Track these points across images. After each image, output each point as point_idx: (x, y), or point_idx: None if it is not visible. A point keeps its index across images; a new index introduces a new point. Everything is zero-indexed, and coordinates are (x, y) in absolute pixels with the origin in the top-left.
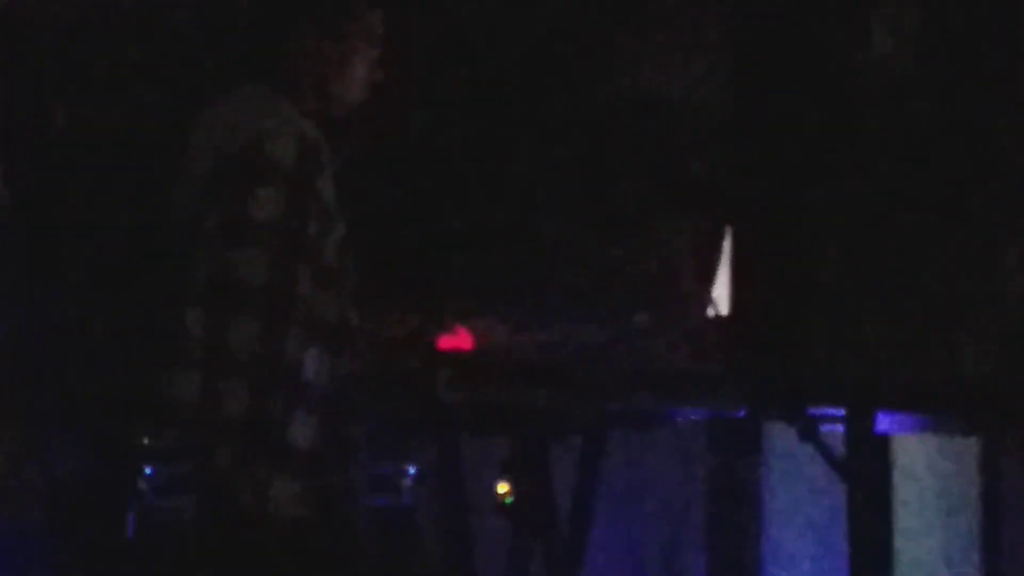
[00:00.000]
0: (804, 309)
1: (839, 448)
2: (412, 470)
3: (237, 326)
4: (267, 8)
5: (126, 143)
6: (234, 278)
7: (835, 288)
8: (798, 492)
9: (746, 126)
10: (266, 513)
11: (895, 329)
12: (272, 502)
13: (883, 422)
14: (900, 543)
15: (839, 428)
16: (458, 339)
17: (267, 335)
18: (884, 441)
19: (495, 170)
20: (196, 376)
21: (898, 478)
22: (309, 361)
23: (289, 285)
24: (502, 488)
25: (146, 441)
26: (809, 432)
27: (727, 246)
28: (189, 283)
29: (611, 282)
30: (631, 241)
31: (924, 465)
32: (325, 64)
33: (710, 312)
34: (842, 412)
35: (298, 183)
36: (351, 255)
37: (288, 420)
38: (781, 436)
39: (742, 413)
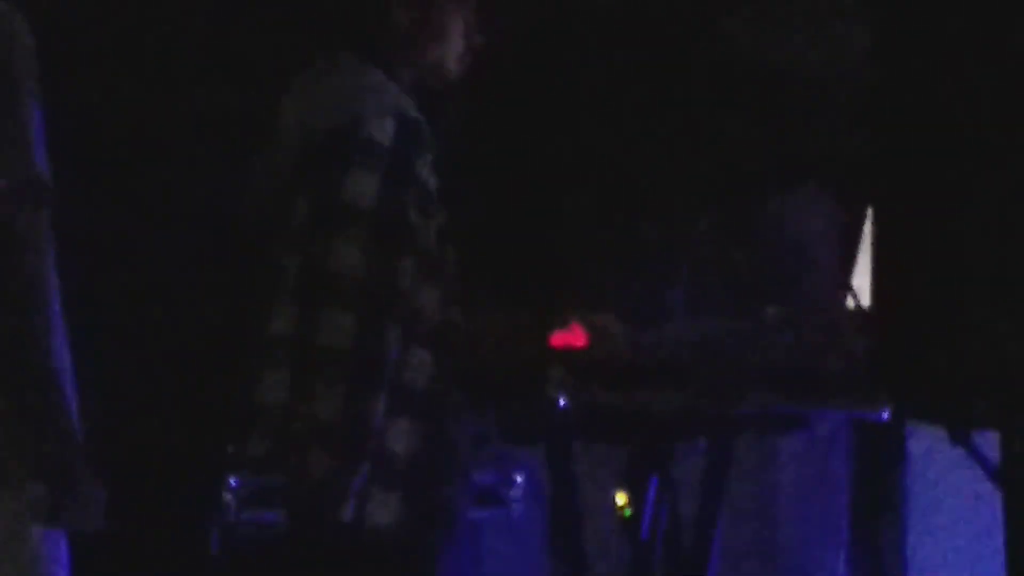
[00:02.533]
0: (955, 299)
1: (994, 454)
2: (520, 479)
3: (332, 322)
4: None
5: (197, 123)
6: (328, 269)
7: (991, 275)
8: (945, 503)
9: (892, 100)
10: (363, 526)
11: None
12: (369, 514)
13: None
14: None
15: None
16: (572, 336)
17: (365, 331)
18: None
19: (612, 152)
20: (286, 377)
21: None
22: (410, 361)
23: (389, 277)
24: (620, 499)
25: (231, 450)
26: (962, 435)
27: (868, 230)
28: (276, 276)
29: (739, 272)
30: (762, 227)
31: None
32: (420, 31)
33: (850, 304)
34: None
35: (397, 166)
36: (454, 246)
37: (387, 425)
38: (927, 440)
39: (885, 415)
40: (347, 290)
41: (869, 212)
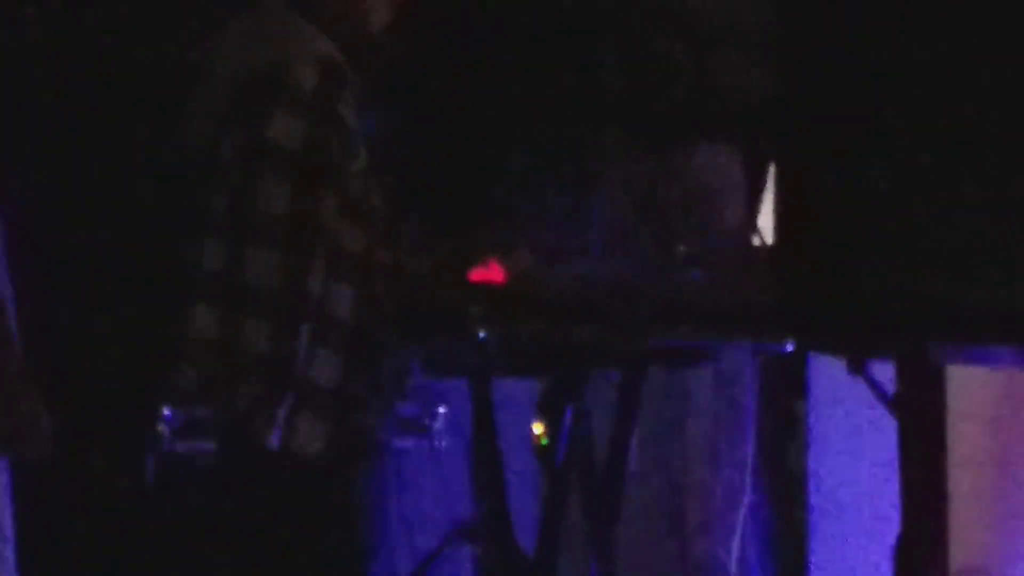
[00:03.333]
0: (851, 237)
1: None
2: (442, 410)
3: (257, 257)
4: None
5: (130, 66)
6: (254, 208)
7: (889, 216)
8: (847, 431)
9: (793, 52)
10: (288, 453)
11: (953, 259)
12: (294, 442)
13: (939, 355)
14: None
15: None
16: (490, 272)
17: (290, 267)
18: (939, 375)
19: (524, 93)
20: (215, 312)
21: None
22: (334, 296)
23: (312, 215)
24: (537, 428)
25: (162, 382)
26: (858, 365)
27: (772, 171)
28: (205, 214)
29: (650, 211)
30: (670, 168)
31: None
32: None
33: (755, 242)
34: (896, 345)
35: (320, 109)
36: (376, 185)
37: (311, 356)
38: (829, 371)
39: (789, 347)
40: (272, 228)
41: (773, 154)
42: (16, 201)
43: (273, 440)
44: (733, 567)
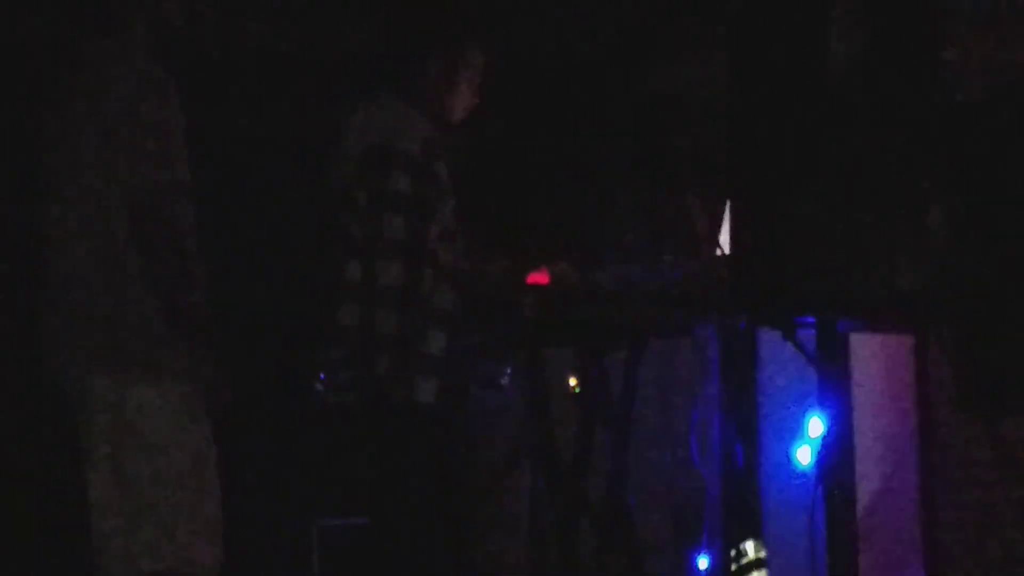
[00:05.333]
0: (786, 246)
1: (812, 345)
2: (508, 370)
3: (387, 270)
4: (406, 41)
5: (288, 143)
6: (382, 235)
7: (809, 233)
8: (784, 381)
9: (740, 115)
10: (412, 403)
11: (853, 257)
12: (416, 395)
13: (843, 325)
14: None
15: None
16: (540, 276)
17: (408, 275)
18: (844, 339)
19: (564, 156)
20: (356, 308)
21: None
22: (438, 293)
23: (422, 238)
24: (572, 382)
25: (320, 357)
26: (791, 334)
27: (728, 205)
28: (345, 241)
29: (648, 235)
30: (661, 206)
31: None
32: (443, 85)
33: (718, 252)
34: (814, 319)
35: (423, 168)
36: (462, 220)
37: (425, 335)
38: (768, 339)
39: (742, 324)
40: (396, 248)
41: (728, 192)
42: (218, 216)
43: (403, 394)
44: (708, 473)
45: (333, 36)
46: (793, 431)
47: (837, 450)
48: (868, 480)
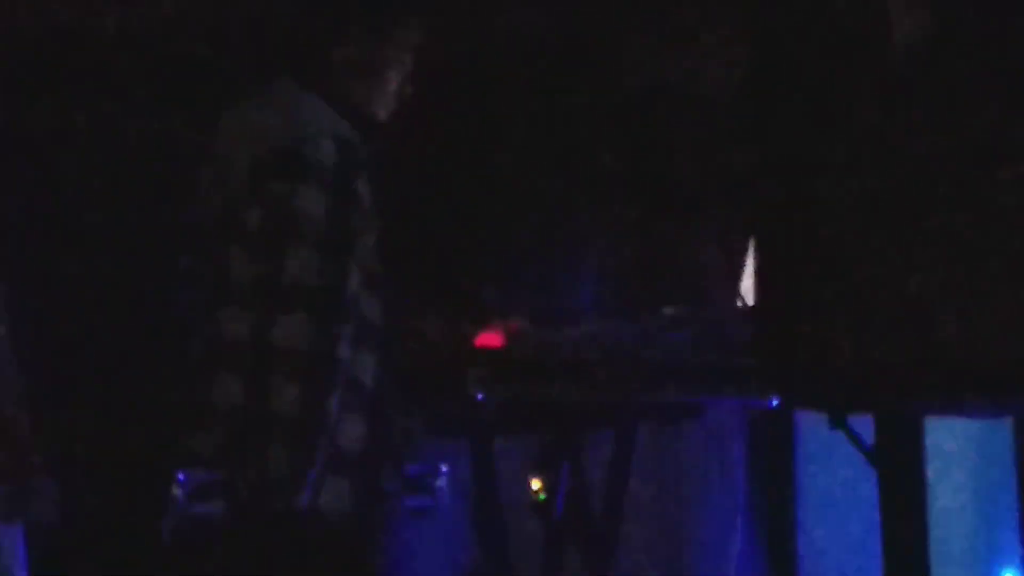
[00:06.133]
0: (828, 297)
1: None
2: (445, 469)
3: (288, 324)
4: (310, 12)
5: (139, 145)
6: (283, 276)
7: (864, 278)
8: (831, 482)
9: (764, 121)
10: (316, 512)
11: (924, 319)
12: (322, 501)
13: (912, 407)
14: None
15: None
16: (491, 337)
17: (320, 332)
18: (915, 425)
19: (522, 169)
20: (237, 378)
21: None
22: (359, 362)
23: (340, 283)
24: (535, 484)
25: (179, 447)
26: (839, 419)
27: (752, 239)
28: (225, 283)
29: (638, 277)
30: (658, 236)
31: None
32: (362, 69)
33: (738, 303)
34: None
35: (339, 183)
36: (385, 259)
37: (338, 421)
38: (811, 426)
39: (774, 402)
40: (302, 295)
41: (752, 223)
42: (26, 271)
43: (303, 500)
44: None
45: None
46: (845, 551)
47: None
48: None
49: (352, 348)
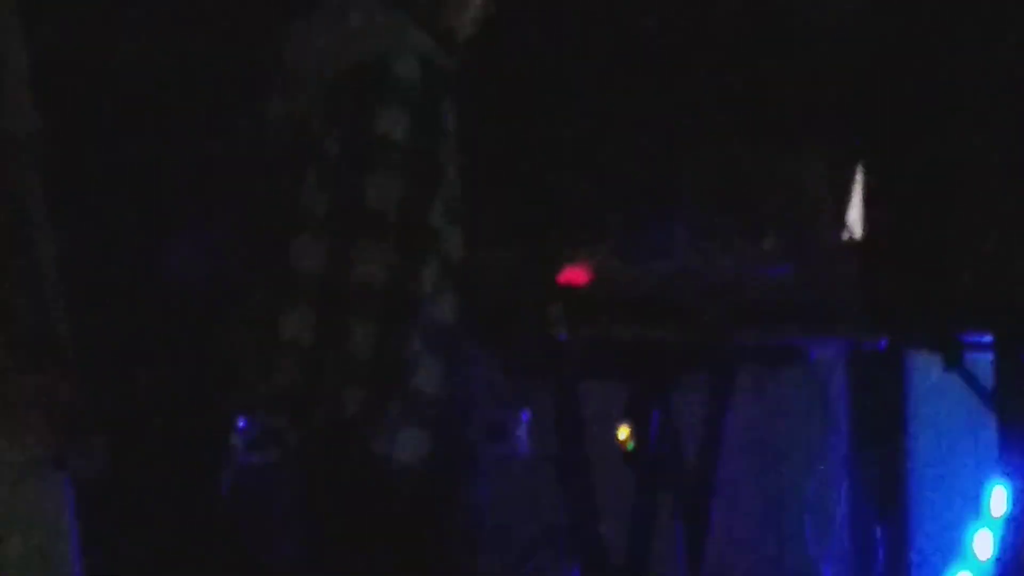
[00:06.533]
0: (945, 227)
1: (989, 378)
2: (526, 416)
3: (366, 257)
4: None
5: (196, 59)
6: (363, 205)
7: (980, 202)
8: (945, 430)
9: (877, 45)
10: (392, 461)
11: None
12: (398, 450)
13: None
14: None
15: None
16: (576, 273)
17: (400, 268)
18: None
19: (608, 92)
20: (311, 315)
21: None
22: (440, 301)
23: (423, 213)
24: (623, 433)
25: (247, 388)
26: (956, 360)
27: (860, 164)
28: (299, 214)
29: (735, 206)
30: (757, 161)
31: None
32: None
33: (844, 236)
34: (992, 339)
35: (425, 106)
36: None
37: (417, 364)
38: (923, 368)
39: (882, 343)
40: (380, 225)
41: (861, 145)
42: (72, 202)
43: (379, 446)
44: (830, 573)
45: None
46: (962, 506)
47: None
48: None
49: (434, 284)
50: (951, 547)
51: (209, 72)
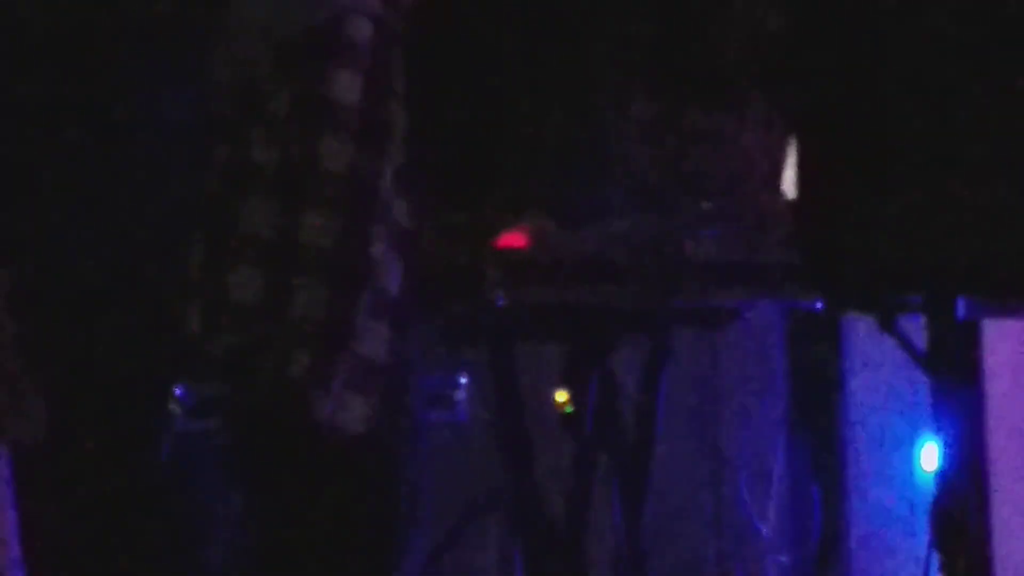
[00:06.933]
0: (876, 191)
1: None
2: (464, 381)
3: (316, 220)
4: None
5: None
6: (313, 166)
7: (911, 163)
8: (880, 389)
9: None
10: (336, 429)
11: (983, 213)
12: (342, 416)
13: (967, 308)
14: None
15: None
16: (514, 237)
17: (349, 231)
18: (971, 328)
19: (547, 53)
20: (258, 275)
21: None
22: (387, 267)
23: (373, 177)
24: (561, 396)
25: (191, 349)
26: (889, 323)
27: (794, 125)
28: (245, 172)
29: (670, 169)
30: (691, 124)
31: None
32: None
33: (779, 197)
34: (924, 299)
35: (377, 67)
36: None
37: (364, 329)
38: (858, 330)
39: (818, 305)
40: (332, 188)
41: (793, 106)
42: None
43: (324, 412)
44: (768, 531)
45: None
46: (893, 466)
47: (963, 491)
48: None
49: (381, 250)
50: (886, 505)
51: (149, 28)
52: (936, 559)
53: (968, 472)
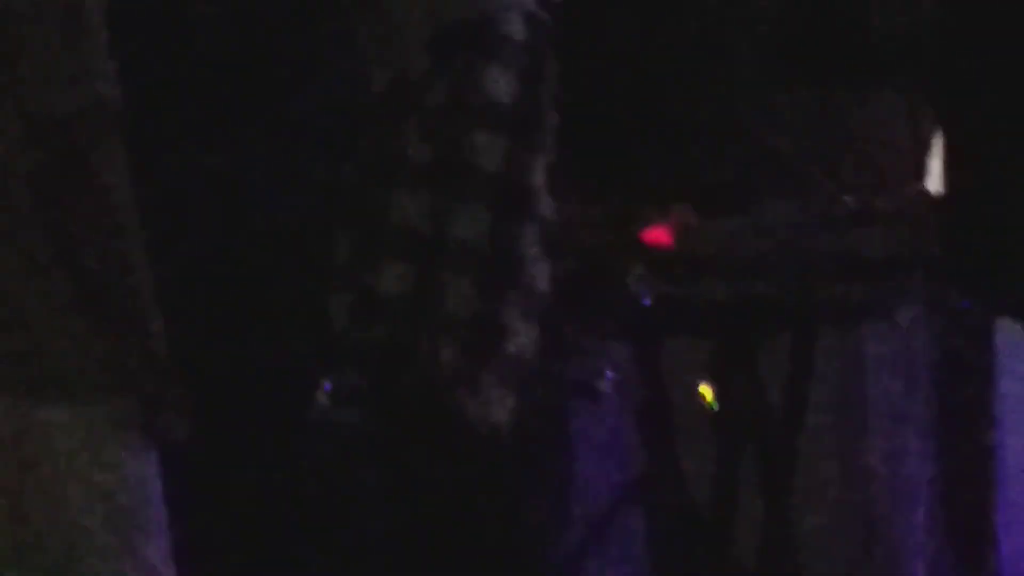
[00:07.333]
0: None
1: None
2: (610, 373)
3: (468, 214)
4: None
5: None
6: (467, 162)
7: None
8: None
9: None
10: (482, 424)
11: None
12: (490, 412)
13: None
14: None
15: None
16: (656, 232)
17: (501, 226)
18: None
19: (691, 45)
20: (408, 269)
21: None
22: (536, 265)
23: (526, 173)
24: (706, 393)
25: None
26: None
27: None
28: (397, 164)
29: (813, 159)
30: (836, 114)
31: None
32: None
33: (928, 191)
34: None
35: (531, 64)
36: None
37: (512, 327)
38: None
39: (965, 304)
40: (485, 184)
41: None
42: (157, 164)
43: (472, 407)
44: (918, 541)
45: None
46: None
47: None
48: None
49: (530, 248)
50: None
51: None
52: None
53: None
